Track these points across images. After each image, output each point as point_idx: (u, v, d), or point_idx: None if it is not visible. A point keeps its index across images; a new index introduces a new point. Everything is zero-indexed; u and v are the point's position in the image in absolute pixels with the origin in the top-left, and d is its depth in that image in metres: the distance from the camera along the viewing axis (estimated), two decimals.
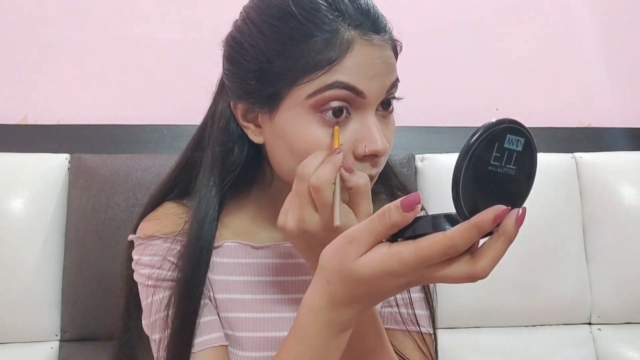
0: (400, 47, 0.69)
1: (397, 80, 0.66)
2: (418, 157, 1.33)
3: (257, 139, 0.69)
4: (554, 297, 1.29)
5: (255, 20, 0.66)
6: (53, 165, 1.19)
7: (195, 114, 0.80)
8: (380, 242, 0.49)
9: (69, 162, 1.20)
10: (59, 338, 1.16)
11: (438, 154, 1.33)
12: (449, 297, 1.24)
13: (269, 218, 0.76)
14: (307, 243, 0.61)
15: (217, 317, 0.73)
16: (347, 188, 0.60)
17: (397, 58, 0.68)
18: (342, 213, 0.57)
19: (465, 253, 0.46)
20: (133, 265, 0.75)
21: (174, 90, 1.38)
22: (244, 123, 0.69)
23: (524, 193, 0.48)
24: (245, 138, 0.70)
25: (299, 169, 0.60)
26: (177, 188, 0.78)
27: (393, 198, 0.80)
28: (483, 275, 0.46)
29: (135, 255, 0.75)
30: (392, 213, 0.47)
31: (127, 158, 1.19)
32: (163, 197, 0.79)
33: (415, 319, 0.75)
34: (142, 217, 0.78)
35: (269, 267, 0.75)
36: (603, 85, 1.55)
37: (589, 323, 1.33)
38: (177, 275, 0.71)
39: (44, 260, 1.14)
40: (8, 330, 1.14)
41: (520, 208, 0.45)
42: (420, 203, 0.46)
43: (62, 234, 1.17)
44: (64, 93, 1.36)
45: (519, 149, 0.46)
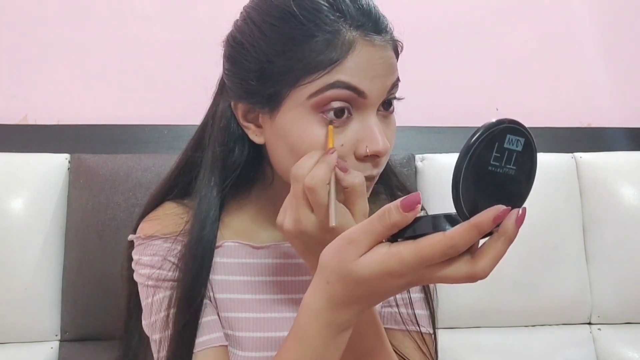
0: (401, 47, 0.69)
1: (398, 80, 0.66)
2: (418, 157, 1.33)
3: (257, 139, 0.69)
4: (554, 297, 1.29)
5: (256, 20, 0.66)
6: (53, 165, 1.19)
7: (195, 114, 0.80)
8: (380, 242, 0.49)
9: (69, 162, 1.20)
10: (59, 338, 1.16)
11: (438, 154, 1.33)
12: (449, 297, 1.24)
13: (270, 218, 0.76)
14: (304, 243, 0.61)
15: (217, 317, 0.73)
16: (342, 187, 0.60)
17: (398, 58, 0.68)
18: (338, 213, 0.57)
19: (465, 253, 0.46)
20: (133, 265, 0.75)
21: (174, 90, 1.38)
22: (245, 123, 0.69)
23: (524, 193, 0.48)
24: (246, 138, 0.70)
25: (294, 170, 0.60)
26: (177, 188, 0.78)
27: (393, 198, 0.80)
28: (483, 276, 0.46)
29: (135, 255, 0.75)
30: (392, 213, 0.47)
31: (127, 158, 1.19)
32: (163, 197, 0.79)
33: (415, 319, 0.75)
34: (142, 217, 0.78)
35: (269, 267, 0.75)
36: (603, 85, 1.54)
37: (589, 323, 1.33)
38: (178, 276, 0.71)
39: (44, 260, 1.14)
40: (8, 330, 1.13)
41: (520, 208, 0.45)
42: (421, 203, 0.46)
43: (62, 234, 1.17)
44: (64, 93, 1.36)
45: (519, 149, 0.46)
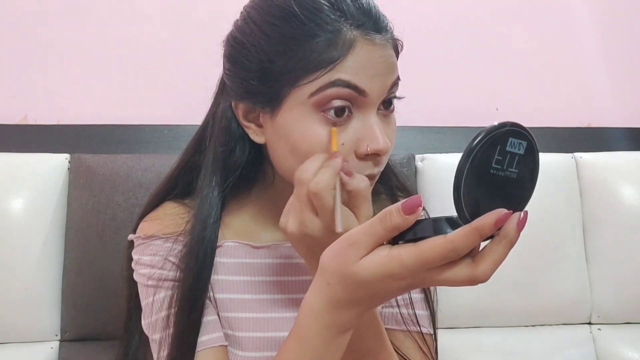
0: (401, 46, 0.69)
1: (398, 79, 0.66)
2: (418, 157, 1.33)
3: (258, 139, 0.69)
4: (554, 297, 1.29)
5: (257, 20, 0.66)
6: (53, 165, 1.19)
7: (195, 114, 0.80)
8: (381, 244, 0.49)
9: (69, 162, 1.20)
10: (59, 338, 1.16)
11: (438, 154, 1.33)
12: (449, 297, 1.24)
13: (270, 218, 0.76)
14: (307, 246, 0.61)
15: (216, 317, 0.72)
16: (347, 191, 0.60)
17: (398, 57, 0.68)
18: (343, 217, 0.57)
19: (466, 256, 0.46)
20: (133, 265, 0.75)
21: (174, 90, 1.38)
22: (245, 123, 0.69)
23: (526, 196, 0.48)
24: (247, 138, 0.70)
25: (298, 174, 0.59)
26: (177, 188, 0.78)
27: (393, 198, 0.80)
28: (484, 279, 0.46)
29: (135, 255, 0.75)
30: (393, 216, 0.47)
31: (127, 158, 1.19)
32: (163, 197, 0.79)
33: (416, 319, 0.75)
34: (142, 217, 0.78)
35: (270, 267, 0.75)
36: (603, 85, 1.54)
37: (589, 323, 1.33)
38: (180, 276, 0.71)
39: (44, 260, 1.14)
40: (8, 330, 1.13)
41: (522, 212, 0.45)
42: (422, 206, 0.46)
43: (62, 234, 1.17)
44: (64, 93, 1.35)
45: (521, 152, 0.46)
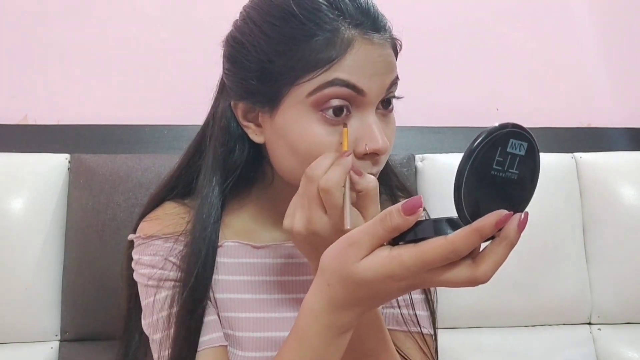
0: (400, 45, 0.69)
1: (396, 79, 0.66)
2: (418, 157, 1.33)
3: (257, 139, 0.69)
4: (554, 297, 1.29)
5: (256, 20, 0.66)
6: (53, 165, 1.19)
7: (195, 114, 0.80)
8: (382, 245, 0.49)
9: (69, 162, 1.20)
10: (59, 338, 1.16)
11: (438, 154, 1.33)
12: (449, 297, 1.24)
13: (270, 218, 0.76)
14: (314, 245, 0.60)
15: (216, 317, 0.73)
16: (356, 191, 0.60)
17: (397, 57, 0.68)
18: (351, 216, 0.57)
19: (467, 257, 0.46)
20: (133, 265, 0.75)
21: (174, 90, 1.38)
22: (245, 123, 0.69)
23: (527, 198, 0.48)
24: (246, 138, 0.70)
25: (308, 171, 0.59)
26: (177, 188, 0.78)
27: (393, 198, 0.80)
28: (484, 280, 0.46)
29: (135, 255, 0.75)
30: (393, 216, 0.47)
31: (127, 158, 1.19)
32: (163, 197, 0.79)
33: (417, 320, 0.75)
34: (142, 217, 0.78)
35: (270, 266, 0.75)
36: (603, 85, 1.54)
37: (589, 323, 1.33)
38: (181, 277, 0.71)
39: (44, 260, 1.14)
40: (8, 330, 1.13)
41: (523, 213, 0.45)
42: (422, 207, 0.46)
43: (62, 234, 1.17)
44: (64, 93, 1.35)
45: (522, 154, 0.46)
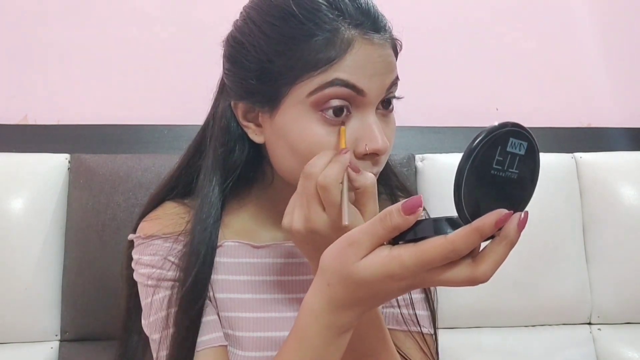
0: (400, 46, 0.69)
1: (397, 79, 0.66)
2: (418, 157, 1.33)
3: (257, 139, 0.69)
4: (554, 297, 1.29)
5: (256, 20, 0.66)
6: (53, 165, 1.19)
7: (195, 114, 0.80)
8: (381, 244, 0.49)
9: (69, 162, 1.20)
10: (59, 338, 1.16)
11: (438, 154, 1.33)
12: (450, 297, 1.23)
13: (270, 217, 0.76)
14: (313, 243, 0.60)
15: (216, 317, 0.72)
16: (354, 188, 0.60)
17: (397, 57, 0.68)
18: (349, 212, 0.57)
19: (467, 257, 0.46)
20: (133, 265, 0.75)
21: (174, 90, 1.38)
22: (245, 123, 0.69)
23: (526, 197, 0.48)
24: (246, 138, 0.70)
25: (306, 168, 0.59)
26: (177, 188, 0.78)
27: (393, 198, 0.80)
28: (484, 279, 0.46)
29: (135, 255, 0.75)
30: (393, 216, 0.47)
31: (127, 158, 1.19)
32: (163, 196, 0.79)
33: (417, 320, 0.75)
34: (142, 216, 0.78)
35: (270, 266, 0.75)
36: (603, 85, 1.54)
37: (589, 323, 1.33)
38: (180, 276, 0.71)
39: (44, 260, 1.14)
40: (8, 330, 1.13)
41: (522, 212, 0.45)
42: (422, 206, 0.46)
43: (62, 234, 1.17)
44: (64, 93, 1.35)
45: (522, 153, 0.46)
